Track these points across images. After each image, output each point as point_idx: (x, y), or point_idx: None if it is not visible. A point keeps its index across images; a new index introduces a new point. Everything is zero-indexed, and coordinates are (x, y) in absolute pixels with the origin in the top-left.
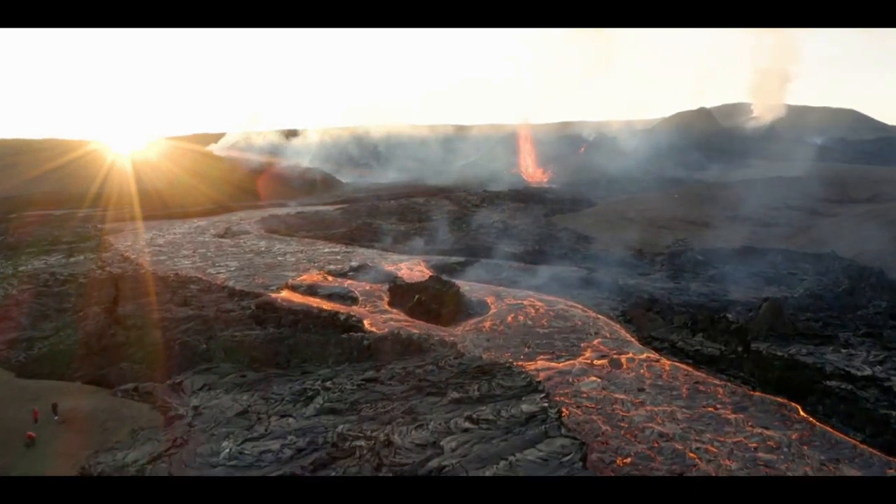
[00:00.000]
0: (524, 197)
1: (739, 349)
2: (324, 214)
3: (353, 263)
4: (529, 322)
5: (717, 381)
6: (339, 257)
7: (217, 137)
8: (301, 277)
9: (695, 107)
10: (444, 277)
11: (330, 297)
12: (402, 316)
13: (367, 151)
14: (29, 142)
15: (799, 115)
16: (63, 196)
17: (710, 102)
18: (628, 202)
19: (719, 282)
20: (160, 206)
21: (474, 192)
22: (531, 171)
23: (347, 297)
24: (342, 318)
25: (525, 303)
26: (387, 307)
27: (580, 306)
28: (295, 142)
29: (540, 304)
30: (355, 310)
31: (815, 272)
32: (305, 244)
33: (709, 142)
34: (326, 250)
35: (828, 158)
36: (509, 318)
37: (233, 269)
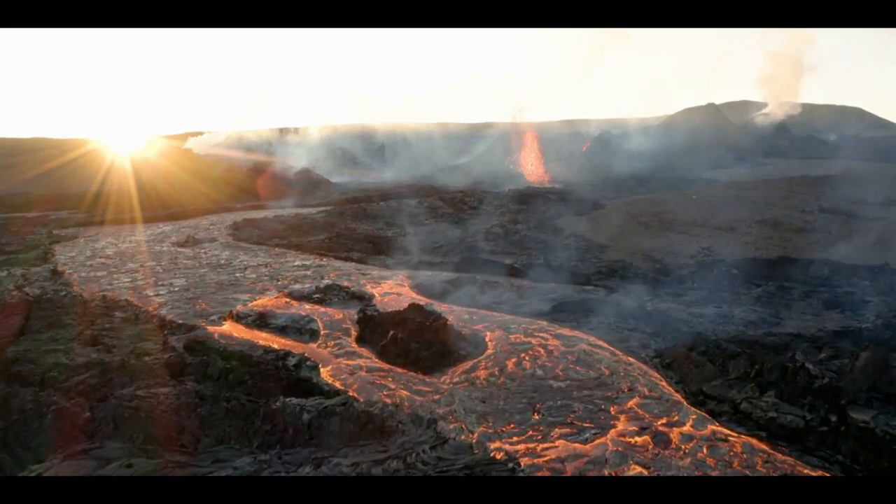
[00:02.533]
0: (526, 198)
1: (832, 419)
2: (304, 218)
3: (324, 282)
4: (539, 371)
5: (809, 472)
6: (308, 273)
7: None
8: (255, 302)
9: (702, 103)
10: (429, 306)
11: (283, 330)
12: (373, 359)
13: (368, 149)
14: (20, 141)
15: (806, 112)
16: (44, 198)
17: (717, 99)
18: (640, 203)
19: (767, 304)
20: (130, 210)
21: (471, 192)
22: (533, 169)
23: (305, 331)
24: (291, 364)
25: (533, 340)
26: (354, 346)
27: (603, 344)
28: (288, 140)
29: (552, 340)
30: (312, 350)
31: (876, 291)
32: (274, 255)
33: (719, 139)
34: (297, 263)
35: (844, 156)
36: (511, 364)
37: (176, 289)
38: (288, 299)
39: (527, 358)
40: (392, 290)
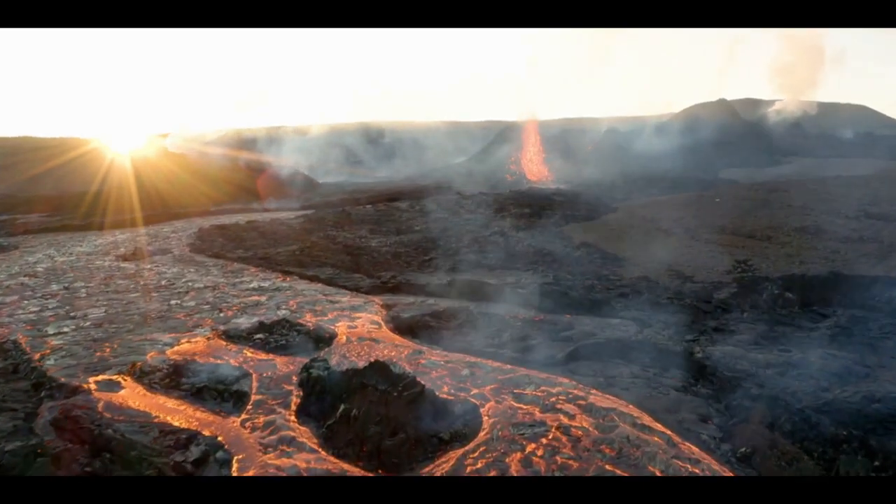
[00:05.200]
0: (529, 200)
1: None
2: (280, 224)
3: (280, 312)
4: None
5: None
6: (262, 299)
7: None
8: (177, 346)
9: (713, 98)
10: (397, 366)
11: (200, 394)
12: (318, 451)
13: (366, 148)
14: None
15: (815, 110)
16: (31, 200)
17: (727, 96)
18: (655, 207)
19: (845, 344)
20: (100, 213)
21: (469, 194)
22: (536, 169)
23: (230, 397)
24: (191, 460)
25: (548, 418)
26: (292, 423)
27: (650, 422)
28: (285, 138)
29: (579, 416)
30: (231, 431)
31: None
32: (228, 273)
33: (733, 137)
34: (252, 285)
35: (866, 155)
36: (516, 461)
37: (87, 323)
38: (222, 341)
39: (540, 450)
40: (363, 327)
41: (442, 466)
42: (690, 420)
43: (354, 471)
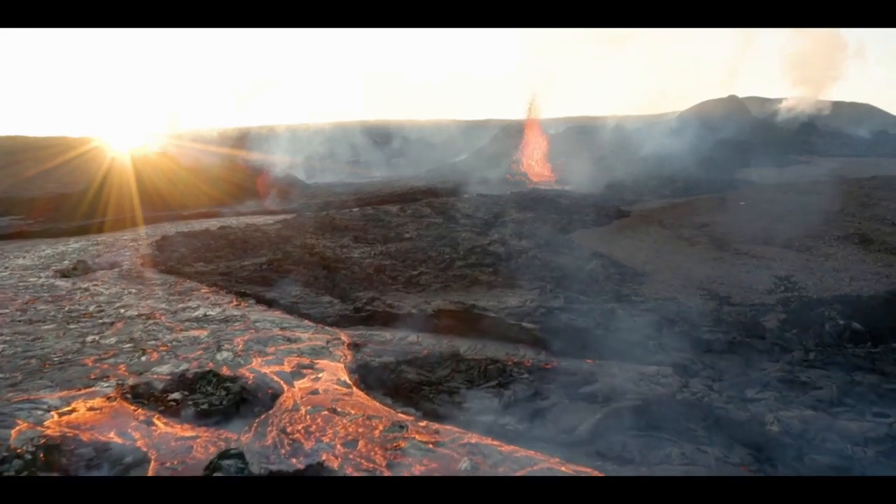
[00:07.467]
0: (532, 203)
1: None
2: (254, 231)
3: (217, 356)
4: None
5: None
6: (203, 334)
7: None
8: (64, 412)
9: (721, 95)
10: (346, 473)
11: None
12: None
13: (363, 147)
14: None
15: (825, 108)
16: (11, 201)
17: (736, 94)
18: (672, 211)
19: None
20: (71, 216)
21: (466, 196)
22: (540, 169)
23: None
24: None
25: None
26: None
27: None
28: (272, 136)
29: None
30: None
31: None
32: (174, 296)
33: (746, 135)
34: (197, 313)
35: (886, 154)
36: None
37: None
38: (127, 403)
39: None
40: (322, 381)
41: None
42: None
43: None
